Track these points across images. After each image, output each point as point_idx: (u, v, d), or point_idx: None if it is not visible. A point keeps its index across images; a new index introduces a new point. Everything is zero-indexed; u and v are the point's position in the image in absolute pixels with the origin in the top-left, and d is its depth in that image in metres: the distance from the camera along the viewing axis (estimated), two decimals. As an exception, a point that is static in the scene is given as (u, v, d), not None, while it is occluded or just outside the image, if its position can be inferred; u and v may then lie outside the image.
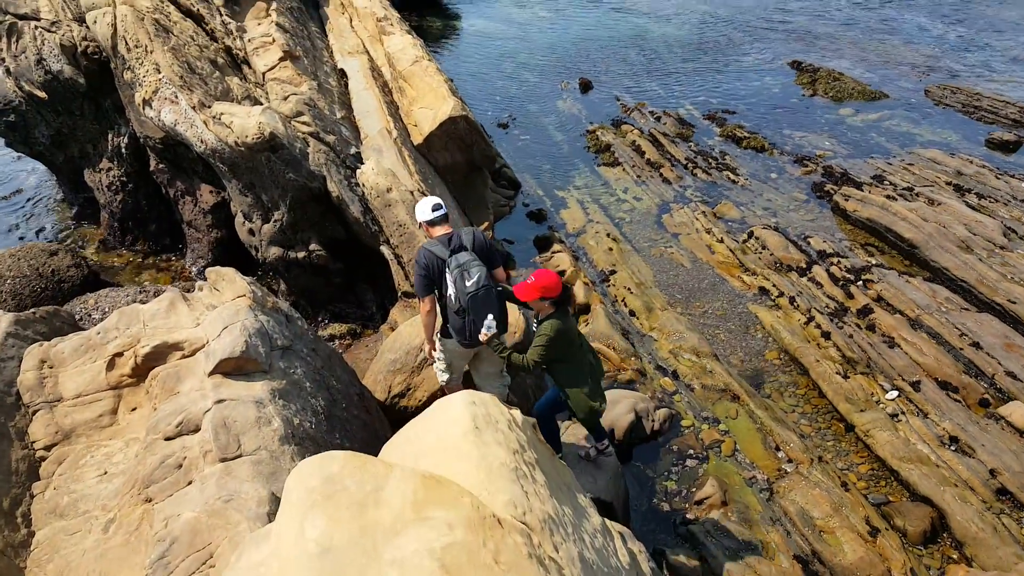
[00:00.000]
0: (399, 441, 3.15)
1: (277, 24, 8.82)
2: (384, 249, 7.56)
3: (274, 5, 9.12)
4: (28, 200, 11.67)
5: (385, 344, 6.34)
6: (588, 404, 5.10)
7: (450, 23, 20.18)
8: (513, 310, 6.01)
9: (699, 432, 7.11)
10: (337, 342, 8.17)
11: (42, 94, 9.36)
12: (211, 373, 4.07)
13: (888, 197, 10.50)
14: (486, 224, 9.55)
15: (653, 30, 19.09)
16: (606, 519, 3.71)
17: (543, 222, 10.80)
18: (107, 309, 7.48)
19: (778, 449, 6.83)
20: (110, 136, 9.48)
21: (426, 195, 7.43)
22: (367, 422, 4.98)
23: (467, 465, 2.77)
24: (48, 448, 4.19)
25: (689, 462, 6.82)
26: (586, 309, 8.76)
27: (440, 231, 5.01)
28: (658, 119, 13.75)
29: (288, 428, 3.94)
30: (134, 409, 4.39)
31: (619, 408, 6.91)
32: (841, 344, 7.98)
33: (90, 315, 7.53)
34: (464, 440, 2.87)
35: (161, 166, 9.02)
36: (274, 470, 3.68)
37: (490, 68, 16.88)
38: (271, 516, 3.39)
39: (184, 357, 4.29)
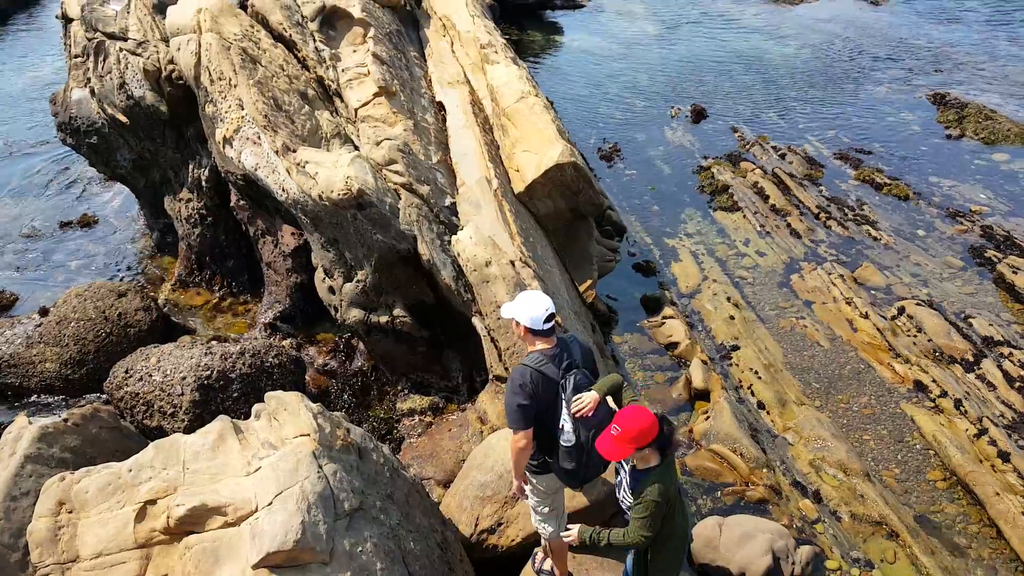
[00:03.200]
0: None
1: (374, 54, 7.94)
2: (476, 321, 6.54)
3: (372, 32, 8.25)
4: (109, 226, 11.28)
5: (474, 457, 5.31)
6: None
7: (551, 37, 19.07)
8: None
9: (849, 580, 5.78)
10: (417, 418, 7.23)
11: (124, 118, 8.82)
12: (256, 566, 3.11)
13: (1068, 271, 8.77)
14: (588, 282, 8.41)
15: (771, 51, 17.43)
16: None
17: (651, 275, 9.58)
18: (168, 371, 6.75)
19: (953, 615, 5.43)
20: (191, 167, 8.87)
21: (528, 265, 6.36)
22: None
23: None
24: (61, 624, 3.34)
25: (838, 620, 5.51)
26: (705, 395, 7.50)
27: (543, 343, 3.98)
28: (783, 156, 12.25)
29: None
30: None
31: (753, 546, 5.64)
32: (1025, 470, 6.45)
33: (150, 375, 6.83)
34: None
35: (242, 203, 8.31)
36: None
37: (593, 89, 15.69)
38: None
39: (227, 525, 3.36)
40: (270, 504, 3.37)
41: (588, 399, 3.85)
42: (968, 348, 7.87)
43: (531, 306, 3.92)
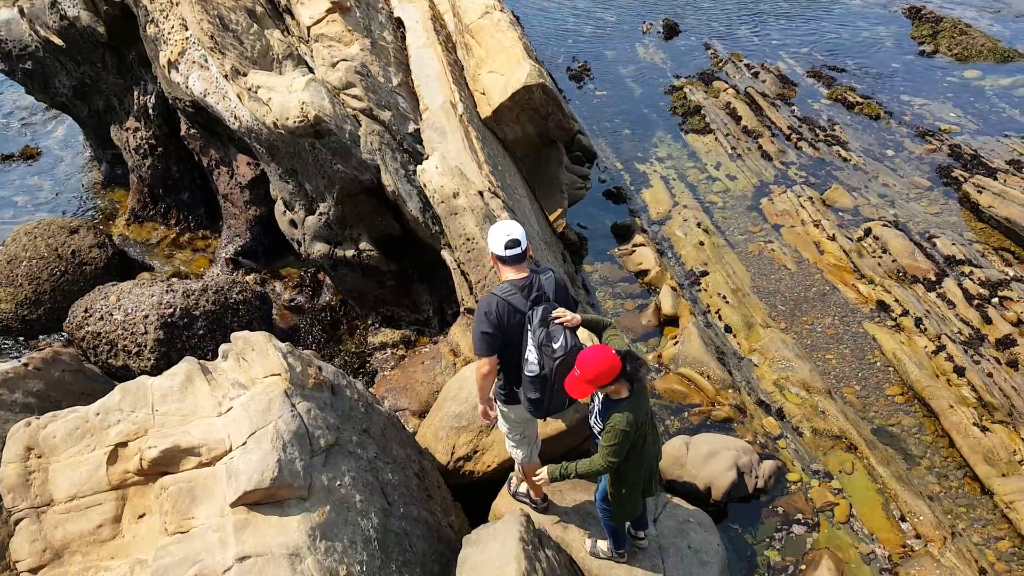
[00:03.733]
0: None
1: (325, -33, 7.43)
2: (446, 254, 6.42)
3: (322, -58, 7.69)
4: (54, 158, 10.72)
5: (448, 388, 5.30)
6: (636, 510, 4.15)
7: (515, -53, 18.13)
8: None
9: (808, 490, 6.02)
10: (389, 351, 7.18)
11: (59, 41, 8.23)
12: (235, 504, 3.08)
13: (1031, 190, 8.86)
14: (559, 211, 8.29)
15: (744, -39, 16.81)
16: None
17: (622, 203, 9.47)
18: (130, 309, 6.56)
19: (903, 519, 5.70)
20: (136, 93, 8.37)
21: (497, 195, 6.20)
22: (430, 523, 4.00)
23: None
24: (34, 572, 3.31)
25: (796, 528, 5.76)
26: (674, 321, 7.56)
27: (513, 273, 3.99)
28: (755, 75, 11.99)
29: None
30: (142, 516, 3.46)
31: (718, 462, 5.81)
32: (978, 384, 6.68)
33: (111, 314, 6.63)
34: None
35: (193, 131, 7.92)
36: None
37: (560, 3, 15.06)
38: None
39: (201, 465, 3.31)
40: (244, 444, 3.34)
41: (569, 314, 3.89)
42: (931, 268, 7.99)
43: (496, 232, 3.99)
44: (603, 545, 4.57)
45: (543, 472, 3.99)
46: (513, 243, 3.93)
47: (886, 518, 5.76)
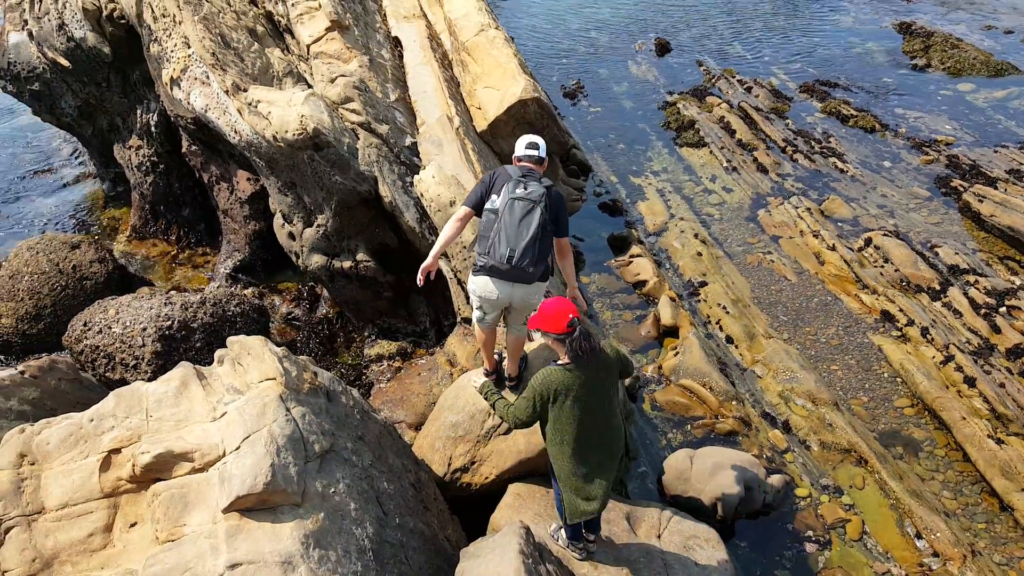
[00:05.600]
0: None
1: (324, -15, 7.52)
2: (442, 264, 6.39)
3: (321, -38, 7.80)
4: (58, 176, 10.80)
5: (445, 398, 5.24)
6: (578, 507, 3.98)
7: (511, -29, 18.40)
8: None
9: (818, 506, 5.88)
10: (386, 363, 7.14)
11: (65, 62, 8.32)
12: (227, 510, 3.03)
13: (1032, 199, 8.85)
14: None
15: (738, -18, 17.03)
16: None
17: (618, 215, 9.47)
18: (128, 322, 6.53)
19: (919, 536, 5.57)
20: (139, 112, 8.44)
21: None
22: (426, 535, 3.92)
23: None
24: (24, 581, 3.24)
25: (808, 546, 5.61)
26: (674, 332, 7.51)
27: (524, 164, 4.57)
28: (748, 90, 12.08)
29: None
30: (133, 524, 3.40)
31: (724, 477, 5.70)
32: (990, 395, 6.58)
33: (110, 327, 6.60)
34: None
35: (194, 148, 7.96)
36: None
37: (555, 24, 15.24)
38: None
39: (194, 471, 3.26)
40: (238, 448, 3.28)
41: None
42: (934, 277, 7.95)
43: (522, 139, 4.64)
44: (564, 533, 4.49)
45: (479, 382, 4.32)
46: (533, 145, 4.56)
47: (901, 535, 5.58)
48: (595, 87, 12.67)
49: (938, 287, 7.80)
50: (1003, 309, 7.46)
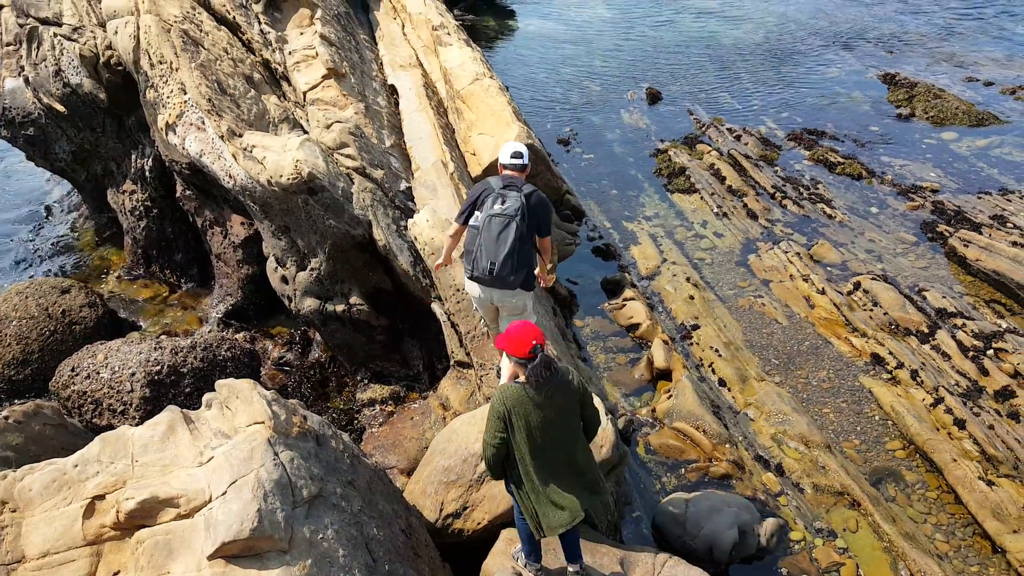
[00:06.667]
0: None
1: (321, 35, 7.71)
2: (435, 307, 6.42)
3: (319, 13, 8.01)
4: (51, 220, 10.85)
5: (437, 442, 5.19)
6: (551, 520, 3.97)
7: (505, 22, 18.86)
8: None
9: (812, 549, 5.83)
10: (378, 408, 7.08)
11: (61, 108, 8.43)
12: (212, 556, 2.96)
13: (1015, 244, 8.98)
14: (550, 267, 8.33)
15: (725, 33, 17.53)
16: None
17: (611, 259, 9.54)
18: (116, 367, 6.48)
19: (914, 581, 5.50)
20: (134, 157, 8.53)
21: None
22: (417, 581, 3.84)
23: None
24: (0, 632, 3.14)
25: (803, 592, 5.54)
26: (667, 375, 7.50)
27: (507, 172, 5.03)
28: (738, 138, 12.32)
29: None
30: (117, 573, 3.31)
31: (719, 521, 5.65)
32: (980, 437, 6.58)
33: (98, 372, 6.54)
34: None
35: (188, 193, 8.02)
36: None
37: (548, 74, 15.58)
38: None
39: (180, 517, 3.20)
40: (224, 493, 3.22)
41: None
42: (923, 320, 8.01)
43: (504, 148, 5.11)
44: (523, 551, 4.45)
45: None
46: (517, 154, 4.99)
47: (894, 579, 5.57)
48: (588, 135, 12.90)
49: (926, 330, 7.85)
50: (991, 352, 7.50)
